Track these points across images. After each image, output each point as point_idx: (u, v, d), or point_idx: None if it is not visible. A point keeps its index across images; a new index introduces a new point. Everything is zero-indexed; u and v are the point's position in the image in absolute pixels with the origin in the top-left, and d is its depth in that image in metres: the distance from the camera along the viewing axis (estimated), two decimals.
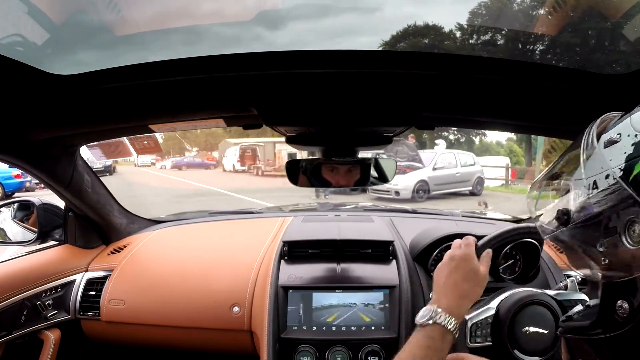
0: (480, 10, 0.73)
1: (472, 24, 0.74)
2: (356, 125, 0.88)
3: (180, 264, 1.31)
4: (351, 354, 1.02)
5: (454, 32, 0.73)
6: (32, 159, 0.96)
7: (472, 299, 0.69)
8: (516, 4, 0.74)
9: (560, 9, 0.71)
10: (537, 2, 0.73)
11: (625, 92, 0.69)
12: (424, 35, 0.72)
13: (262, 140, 15.75)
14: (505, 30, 0.80)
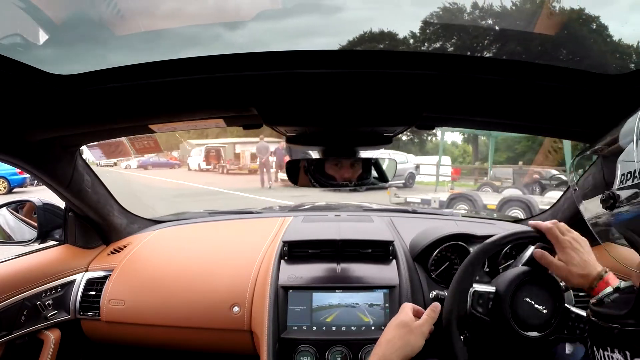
0: (432, 20, 0.76)
1: (424, 32, 0.76)
2: (356, 125, 0.88)
3: (181, 263, 1.31)
4: (351, 354, 1.02)
5: (408, 39, 0.75)
6: (32, 159, 0.96)
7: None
8: (466, 14, 0.76)
9: (553, 14, 0.72)
10: (485, 13, 0.75)
11: (625, 92, 0.69)
12: (378, 41, 0.75)
13: (224, 141, 16.37)
14: (455, 39, 0.83)
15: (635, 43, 0.74)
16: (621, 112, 0.78)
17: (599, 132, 0.92)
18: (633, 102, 0.73)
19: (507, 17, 0.77)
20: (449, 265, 1.19)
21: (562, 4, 0.73)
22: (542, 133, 1.06)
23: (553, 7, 0.74)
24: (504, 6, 0.74)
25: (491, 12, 0.75)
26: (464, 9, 0.75)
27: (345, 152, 0.96)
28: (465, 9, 0.75)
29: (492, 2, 0.73)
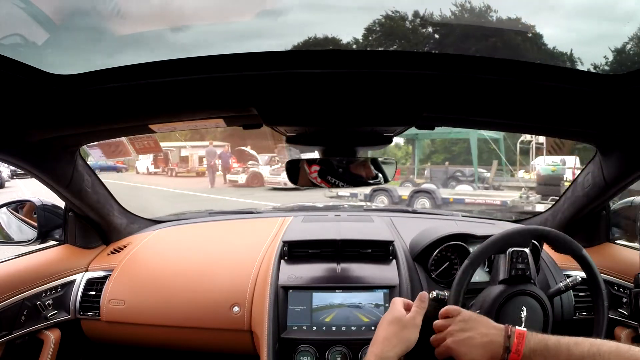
0: (374, 27, 0.77)
1: (367, 39, 0.78)
2: (356, 125, 0.88)
3: (181, 263, 1.31)
4: (351, 354, 1.02)
5: (351, 44, 0.76)
6: (32, 159, 0.96)
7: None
8: (408, 22, 0.78)
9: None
10: (425, 22, 0.77)
11: (625, 92, 0.69)
12: (323, 45, 0.76)
13: (171, 145, 16.73)
14: (396, 47, 0.85)
15: (569, 50, 0.75)
16: (621, 112, 0.78)
17: (599, 132, 0.92)
18: (633, 102, 0.73)
19: (445, 25, 0.79)
20: (449, 265, 1.19)
21: (499, 14, 0.75)
22: (542, 133, 1.06)
23: (490, 17, 0.76)
24: (444, 15, 0.76)
25: (431, 21, 0.78)
26: (406, 17, 0.77)
27: (345, 152, 0.96)
28: (407, 17, 0.77)
29: (432, 10, 0.75)
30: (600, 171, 1.06)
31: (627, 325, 1.15)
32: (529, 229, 0.95)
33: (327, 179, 0.94)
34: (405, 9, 0.75)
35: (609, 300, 1.07)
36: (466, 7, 0.74)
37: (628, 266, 1.18)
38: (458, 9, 0.75)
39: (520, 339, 0.71)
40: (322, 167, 0.94)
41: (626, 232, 1.26)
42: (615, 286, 1.18)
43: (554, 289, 1.03)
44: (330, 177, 0.94)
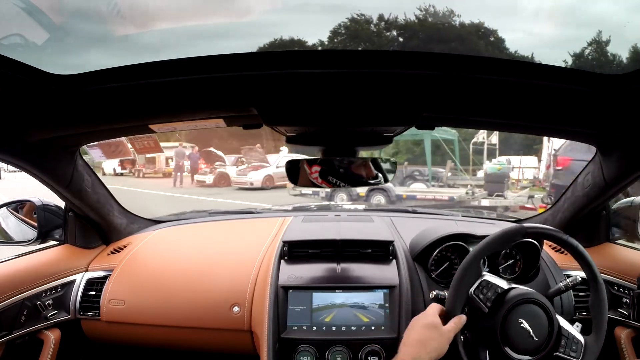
0: (340, 30, 0.78)
1: (332, 41, 0.79)
2: (356, 125, 0.88)
3: (180, 263, 1.31)
4: (351, 354, 1.02)
5: (317, 46, 0.77)
6: (32, 159, 0.96)
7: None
8: (373, 25, 0.79)
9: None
10: (390, 25, 0.78)
11: (625, 92, 0.69)
12: (288, 47, 0.77)
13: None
14: (360, 49, 0.86)
15: (530, 54, 0.76)
16: (621, 112, 0.78)
17: (598, 132, 0.92)
18: (633, 102, 0.73)
19: (409, 29, 0.80)
20: (449, 265, 1.19)
21: (462, 18, 0.76)
22: (542, 133, 1.06)
23: (453, 21, 0.77)
24: (408, 18, 0.77)
25: (396, 24, 0.78)
26: (371, 20, 0.78)
27: (345, 152, 0.96)
28: (372, 20, 0.78)
29: (397, 14, 0.76)
30: (600, 171, 1.06)
31: (627, 325, 1.15)
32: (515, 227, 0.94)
33: (328, 179, 0.94)
34: (370, 12, 0.76)
35: (609, 294, 1.08)
36: (430, 11, 0.75)
37: (628, 266, 1.18)
38: (422, 13, 0.76)
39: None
40: (323, 167, 0.94)
41: (626, 232, 1.26)
42: (615, 286, 1.18)
43: (554, 289, 1.03)
44: (331, 177, 0.94)
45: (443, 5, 0.74)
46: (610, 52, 0.71)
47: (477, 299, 0.88)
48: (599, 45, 0.73)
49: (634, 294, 1.11)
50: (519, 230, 0.90)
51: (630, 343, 1.14)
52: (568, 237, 0.92)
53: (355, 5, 0.73)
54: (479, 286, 0.89)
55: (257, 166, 11.16)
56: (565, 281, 1.01)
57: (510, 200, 7.16)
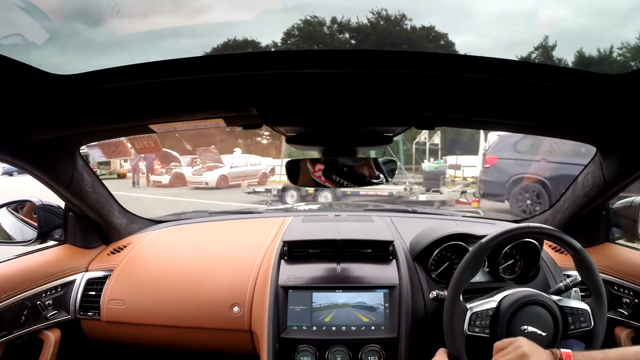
0: (293, 32, 0.78)
1: (285, 42, 0.79)
2: (356, 125, 0.88)
3: (180, 263, 1.31)
4: (351, 354, 1.02)
5: (270, 47, 0.77)
6: (32, 159, 0.96)
7: None
8: (326, 27, 0.80)
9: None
10: (342, 28, 0.79)
11: (625, 92, 0.69)
12: (242, 48, 0.76)
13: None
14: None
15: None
16: (621, 112, 0.78)
17: (598, 132, 0.92)
18: (633, 102, 0.73)
19: (361, 32, 0.81)
20: (449, 265, 1.19)
21: (413, 22, 0.77)
22: (542, 133, 1.06)
23: (405, 25, 0.78)
24: (361, 22, 0.78)
25: (348, 27, 0.79)
26: (324, 22, 0.78)
27: (345, 152, 0.96)
28: (325, 22, 0.78)
29: (349, 18, 0.77)
30: (600, 171, 1.06)
31: (627, 325, 1.15)
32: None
33: (332, 177, 0.94)
34: (323, 15, 0.77)
35: (609, 294, 1.08)
36: (382, 14, 0.76)
37: (628, 266, 1.18)
38: (374, 17, 0.77)
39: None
40: (327, 166, 0.94)
41: (626, 232, 1.26)
42: (615, 286, 1.18)
43: (554, 289, 1.03)
44: (335, 176, 0.94)
45: (395, 9, 0.76)
46: (555, 56, 0.72)
47: (475, 333, 0.88)
48: (545, 50, 0.74)
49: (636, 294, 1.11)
50: (482, 247, 0.91)
51: (630, 343, 1.14)
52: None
53: (309, 7, 0.73)
54: (470, 321, 0.89)
55: (211, 166, 11.48)
56: (565, 281, 1.01)
57: (446, 195, 7.67)
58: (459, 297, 0.90)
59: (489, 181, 6.44)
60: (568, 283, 1.00)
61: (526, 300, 0.88)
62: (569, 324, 0.88)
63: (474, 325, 0.89)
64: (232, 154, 12.49)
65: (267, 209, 1.97)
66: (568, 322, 0.88)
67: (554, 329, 0.87)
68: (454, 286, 0.91)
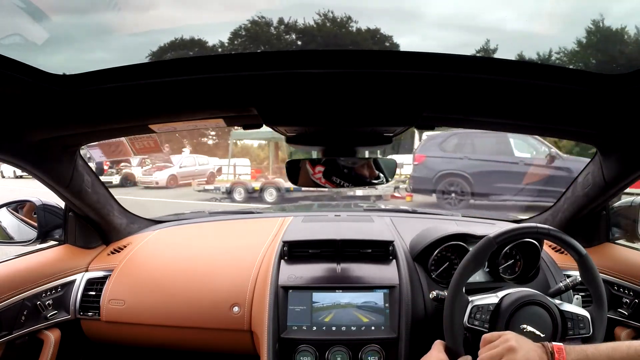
0: (240, 32, 0.80)
1: (232, 43, 0.79)
2: (356, 125, 0.88)
3: (180, 263, 1.31)
4: (351, 354, 1.02)
5: (217, 47, 0.77)
6: (32, 159, 0.96)
7: None
8: (273, 28, 0.80)
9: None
10: (289, 29, 0.80)
11: (625, 92, 0.69)
12: (189, 48, 0.77)
13: None
14: (260, 51, 0.87)
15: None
16: (621, 112, 0.78)
17: (598, 132, 0.92)
18: (633, 102, 0.73)
19: (308, 33, 0.81)
20: (449, 265, 1.19)
21: (359, 25, 0.77)
22: (543, 133, 1.06)
23: (351, 27, 0.78)
24: (307, 23, 0.78)
25: (295, 28, 0.79)
26: (271, 23, 0.79)
27: (345, 152, 0.96)
28: (272, 23, 0.79)
29: (296, 19, 0.77)
30: (600, 171, 1.06)
31: (627, 325, 1.15)
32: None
33: (332, 179, 0.94)
34: (271, 16, 0.77)
35: (609, 294, 1.08)
36: (329, 16, 0.77)
37: (628, 266, 1.18)
38: (321, 18, 0.77)
39: (561, 354, 0.72)
40: (327, 167, 0.94)
41: (626, 232, 1.26)
42: (615, 286, 1.18)
43: (554, 289, 1.03)
44: (335, 177, 0.94)
45: (341, 11, 0.76)
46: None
47: (474, 326, 0.89)
48: (487, 53, 0.75)
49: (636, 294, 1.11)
50: (489, 242, 0.91)
51: None
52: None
53: (257, 7, 0.74)
54: (470, 314, 0.89)
55: (161, 166, 11.76)
56: (565, 281, 1.01)
57: (381, 190, 8.11)
58: (462, 289, 0.90)
59: (418, 177, 7.06)
60: (568, 283, 1.00)
61: (528, 300, 0.88)
62: (567, 328, 0.88)
63: (474, 319, 0.89)
64: (180, 154, 12.86)
65: (267, 209, 1.97)
66: (567, 327, 0.88)
67: (552, 332, 0.87)
68: (457, 278, 0.90)
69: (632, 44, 0.79)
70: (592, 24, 0.76)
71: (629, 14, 0.76)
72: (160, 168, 11.63)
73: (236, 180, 10.08)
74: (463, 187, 6.64)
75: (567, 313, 0.89)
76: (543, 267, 1.19)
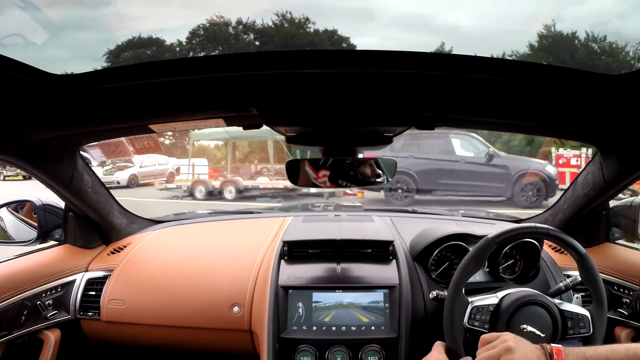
0: (198, 31, 0.80)
1: (190, 42, 0.79)
2: (356, 125, 0.88)
3: (180, 263, 1.31)
4: (351, 354, 1.02)
5: (174, 47, 0.77)
6: (32, 159, 0.96)
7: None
8: (231, 27, 0.80)
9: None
10: (247, 28, 0.80)
11: (626, 92, 0.69)
12: (146, 46, 0.77)
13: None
14: (218, 52, 0.87)
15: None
16: (621, 112, 0.78)
17: (598, 132, 0.92)
18: (633, 102, 0.73)
19: (266, 34, 0.81)
20: (449, 265, 1.19)
21: (316, 26, 0.78)
22: (543, 133, 1.05)
23: (308, 28, 0.79)
24: (265, 23, 0.78)
25: (253, 28, 0.80)
26: (230, 23, 0.79)
27: (345, 152, 0.95)
28: (231, 23, 0.79)
29: (254, 19, 0.77)
30: (600, 171, 1.06)
31: (627, 325, 1.15)
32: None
33: (338, 182, 0.94)
34: (229, 15, 0.77)
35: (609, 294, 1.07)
36: (287, 17, 0.77)
37: (628, 266, 1.18)
38: (279, 19, 0.77)
39: (560, 355, 0.72)
40: (327, 167, 0.94)
41: (626, 232, 1.26)
42: (615, 286, 1.18)
43: (554, 288, 1.03)
44: (340, 180, 0.94)
45: (300, 12, 0.77)
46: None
47: (474, 327, 0.89)
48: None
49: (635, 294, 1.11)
50: (489, 243, 0.91)
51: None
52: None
53: (216, 7, 0.74)
54: (470, 314, 0.89)
55: (122, 166, 11.95)
56: (565, 281, 1.01)
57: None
58: (461, 290, 0.91)
59: None
60: (568, 283, 1.00)
61: (528, 300, 0.88)
62: (567, 328, 0.88)
63: (474, 319, 0.89)
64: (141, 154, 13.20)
65: (267, 209, 1.97)
66: (567, 326, 0.88)
67: (552, 331, 0.87)
68: (456, 279, 0.91)
69: (582, 49, 0.80)
70: (544, 28, 0.78)
71: (580, 19, 0.78)
72: (122, 168, 11.83)
73: (197, 179, 10.45)
74: (409, 184, 7.19)
75: (567, 313, 0.89)
76: (543, 267, 1.19)
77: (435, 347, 0.89)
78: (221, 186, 9.22)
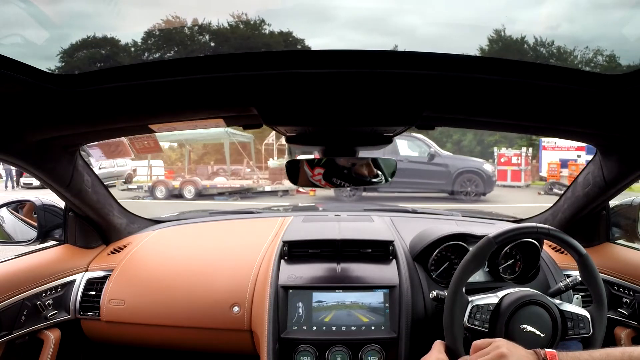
0: (154, 32, 0.80)
1: (145, 42, 0.79)
2: (356, 125, 0.88)
3: (181, 263, 1.31)
4: (351, 354, 1.02)
5: (129, 47, 0.77)
6: (32, 159, 0.96)
7: None
8: (187, 28, 0.81)
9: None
10: (203, 29, 0.81)
11: (626, 92, 0.69)
12: (101, 46, 0.76)
13: None
14: (173, 53, 0.87)
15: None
16: (621, 112, 0.78)
17: (599, 132, 0.92)
18: (633, 102, 0.73)
19: (221, 35, 0.82)
20: (449, 265, 1.19)
21: (272, 27, 0.80)
22: (542, 133, 1.06)
23: (264, 30, 0.80)
24: (221, 24, 0.78)
25: (209, 29, 0.80)
26: (185, 23, 0.79)
27: (345, 152, 0.96)
28: (187, 23, 0.79)
29: (210, 20, 0.77)
30: (600, 171, 1.06)
31: (627, 325, 1.15)
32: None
33: (332, 180, 0.94)
34: (185, 16, 0.77)
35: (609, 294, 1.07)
36: (242, 18, 0.77)
37: (628, 266, 1.18)
38: (234, 20, 0.77)
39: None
40: (326, 167, 0.94)
41: (626, 232, 1.26)
42: (615, 286, 1.18)
43: (554, 288, 1.03)
44: (335, 179, 0.94)
45: (255, 14, 0.77)
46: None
47: (474, 326, 0.89)
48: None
49: (635, 294, 1.11)
50: (489, 242, 0.91)
51: (630, 343, 1.14)
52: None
53: (172, 7, 0.74)
54: (470, 314, 0.89)
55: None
56: (565, 281, 1.01)
57: (287, 185, 8.80)
58: (462, 289, 0.91)
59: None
60: (568, 283, 1.00)
61: (528, 300, 0.88)
62: (567, 328, 0.88)
63: (474, 319, 0.89)
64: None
65: (267, 209, 1.97)
66: (567, 327, 0.88)
67: (552, 331, 0.87)
68: (456, 278, 0.91)
69: (531, 53, 0.81)
70: (494, 33, 0.79)
71: (530, 23, 0.79)
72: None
73: (157, 180, 11.11)
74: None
75: (567, 313, 0.89)
76: (543, 267, 1.19)
77: (435, 346, 0.88)
78: (181, 186, 9.73)
